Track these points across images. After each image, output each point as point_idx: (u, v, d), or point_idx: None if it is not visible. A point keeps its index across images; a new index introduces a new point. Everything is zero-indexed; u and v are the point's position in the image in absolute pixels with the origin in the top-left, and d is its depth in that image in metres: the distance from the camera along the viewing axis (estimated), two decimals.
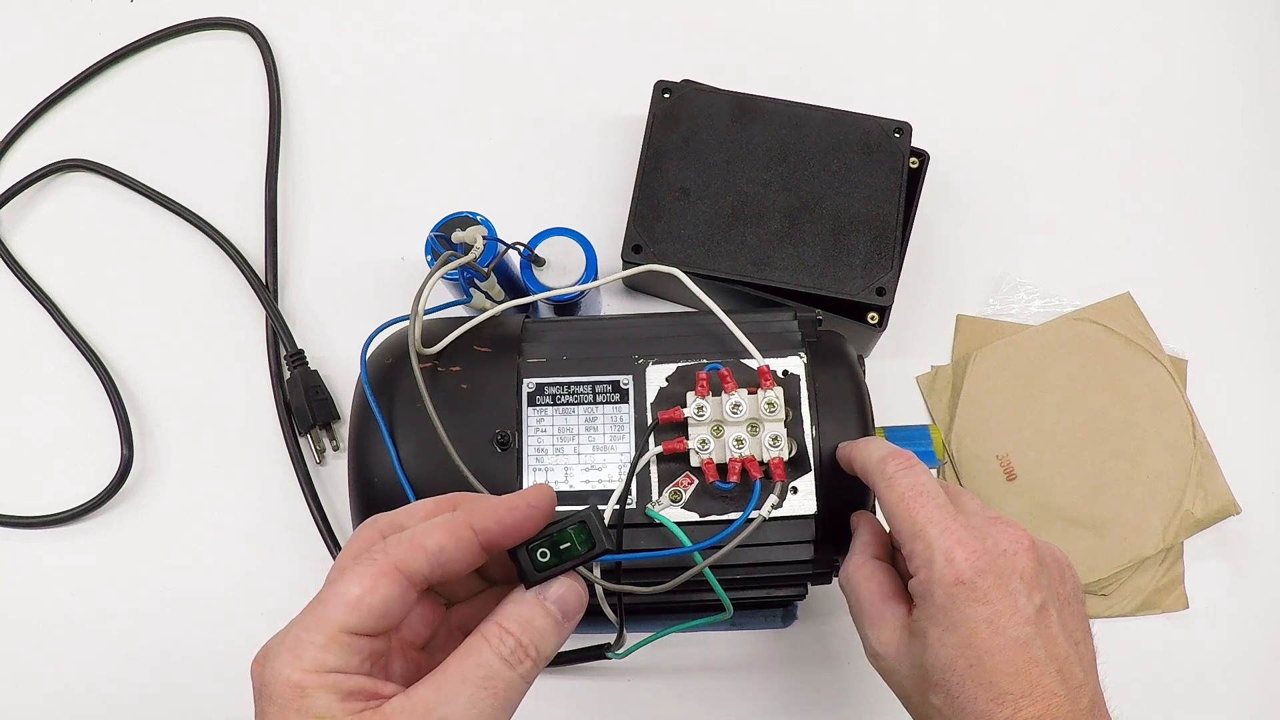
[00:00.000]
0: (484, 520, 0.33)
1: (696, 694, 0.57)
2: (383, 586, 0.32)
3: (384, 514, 0.36)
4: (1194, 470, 0.59)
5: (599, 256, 0.57)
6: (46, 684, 0.58)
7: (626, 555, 0.43)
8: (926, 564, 0.37)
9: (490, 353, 0.47)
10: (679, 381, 0.46)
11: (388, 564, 0.32)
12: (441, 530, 0.33)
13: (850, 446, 0.44)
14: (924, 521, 0.38)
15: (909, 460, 0.40)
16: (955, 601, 0.36)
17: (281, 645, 0.31)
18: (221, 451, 0.62)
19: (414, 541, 0.32)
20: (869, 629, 0.40)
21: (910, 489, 0.39)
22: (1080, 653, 0.37)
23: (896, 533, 0.39)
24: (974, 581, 0.36)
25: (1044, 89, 0.69)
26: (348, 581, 0.32)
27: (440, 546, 0.33)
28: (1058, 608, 0.37)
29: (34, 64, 0.70)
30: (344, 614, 0.31)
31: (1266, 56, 0.70)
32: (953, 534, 0.37)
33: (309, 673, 0.30)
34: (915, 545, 0.38)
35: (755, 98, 0.61)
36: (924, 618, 0.37)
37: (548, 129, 0.68)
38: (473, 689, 0.31)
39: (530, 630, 0.33)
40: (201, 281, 0.66)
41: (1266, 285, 0.65)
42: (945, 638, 0.36)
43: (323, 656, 0.31)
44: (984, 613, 0.36)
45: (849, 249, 0.58)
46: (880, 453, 0.41)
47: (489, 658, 0.32)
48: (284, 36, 0.71)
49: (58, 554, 0.60)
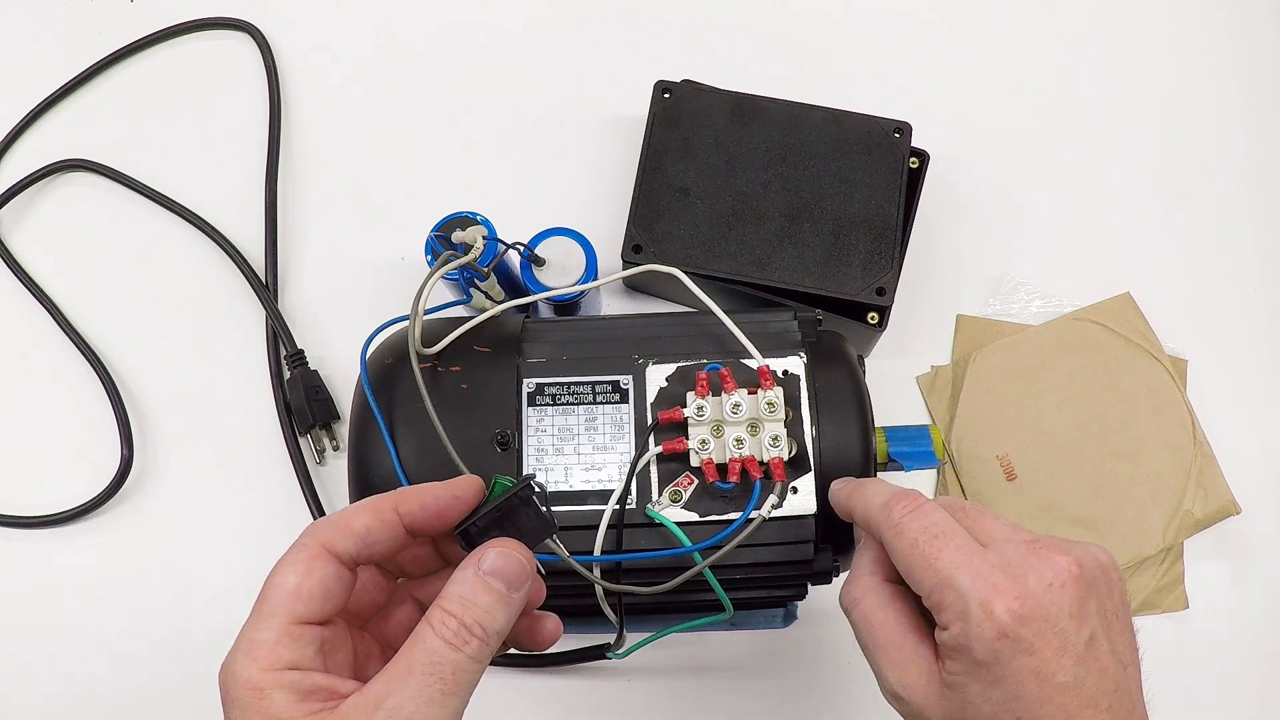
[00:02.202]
0: (408, 504, 0.35)
1: (696, 694, 0.57)
2: (317, 568, 0.33)
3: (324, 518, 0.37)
4: (1194, 470, 0.59)
5: (599, 256, 0.57)
6: (46, 684, 0.58)
7: (626, 555, 0.43)
8: (961, 617, 0.33)
9: (490, 353, 0.47)
10: (679, 381, 0.46)
11: (316, 546, 0.33)
12: (366, 511, 0.34)
13: (846, 493, 0.41)
14: (949, 569, 0.34)
15: (915, 500, 0.37)
16: (999, 657, 0.33)
17: (236, 649, 0.32)
18: (221, 451, 0.62)
19: (339, 523, 0.34)
20: (888, 668, 0.36)
21: (924, 532, 0.35)
22: (1129, 675, 0.35)
23: (916, 584, 0.35)
24: (1018, 633, 0.32)
25: (1044, 89, 0.69)
26: (283, 572, 0.33)
27: (366, 527, 0.34)
28: (1106, 631, 0.34)
29: (34, 64, 0.70)
30: (288, 603, 0.32)
31: (1266, 56, 0.70)
32: (986, 579, 0.33)
33: (265, 671, 0.31)
34: (944, 596, 0.34)
35: (755, 98, 0.61)
36: (961, 672, 0.34)
37: (548, 129, 0.68)
38: (419, 677, 0.31)
39: (473, 608, 0.33)
40: (201, 281, 0.66)
41: (1266, 285, 0.65)
42: (988, 694, 0.33)
43: (277, 652, 0.31)
44: (1030, 664, 0.32)
45: (849, 249, 0.58)
46: (882, 497, 0.38)
47: (433, 643, 0.32)
48: (284, 36, 0.71)
49: (58, 554, 0.60)
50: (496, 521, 0.36)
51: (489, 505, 0.36)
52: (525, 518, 0.36)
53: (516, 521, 0.36)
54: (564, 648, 0.55)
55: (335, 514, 0.34)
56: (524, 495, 0.36)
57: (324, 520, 0.34)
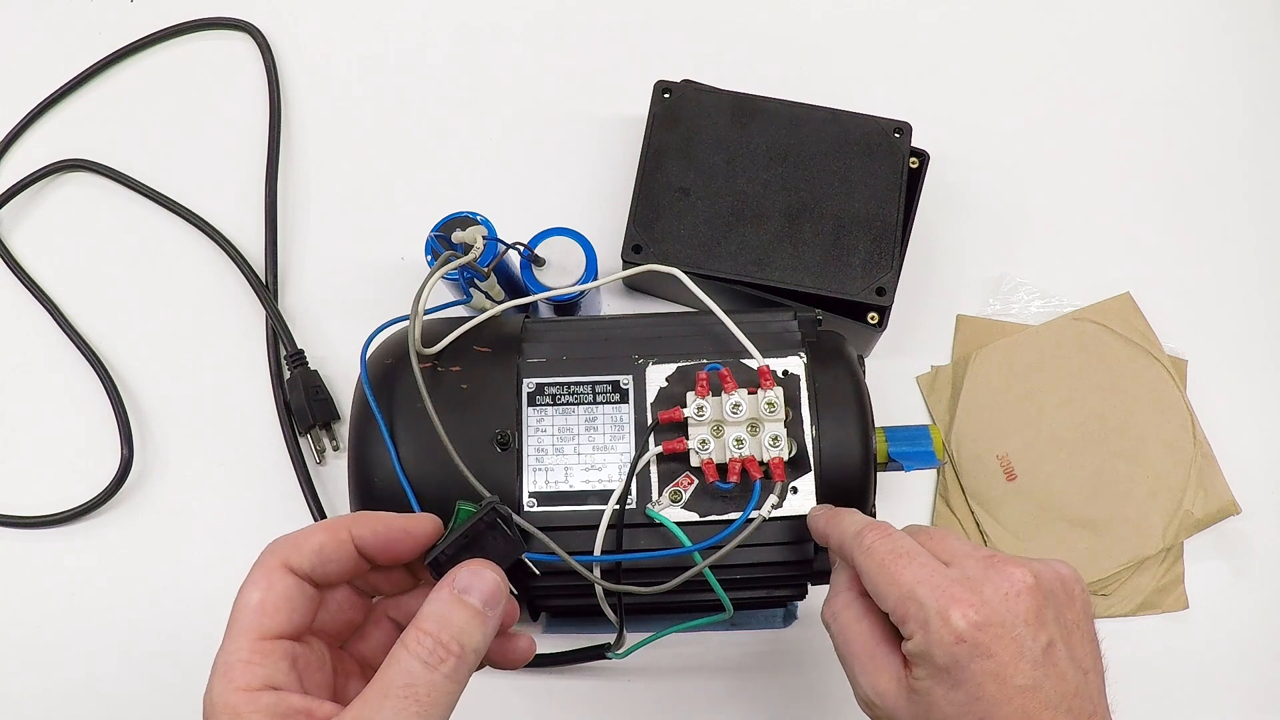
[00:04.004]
0: (361, 529, 0.36)
1: (696, 694, 0.57)
2: (277, 582, 0.34)
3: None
4: (1194, 470, 0.59)
5: (599, 256, 0.57)
6: (46, 684, 0.58)
7: (626, 555, 0.44)
8: (922, 625, 0.35)
9: (490, 353, 0.47)
10: (679, 381, 0.46)
11: (274, 561, 0.34)
12: (322, 531, 0.36)
13: (824, 521, 0.42)
14: (911, 582, 0.36)
15: (886, 530, 0.39)
16: (958, 661, 0.35)
17: (214, 673, 0.32)
18: (221, 451, 0.62)
19: (295, 541, 0.35)
20: (861, 675, 0.38)
21: (890, 553, 0.37)
22: (1089, 680, 0.36)
23: (883, 600, 0.37)
24: (975, 638, 0.34)
25: (1044, 89, 0.69)
26: (247, 591, 0.34)
27: (320, 545, 0.35)
28: (1065, 639, 0.36)
29: (34, 64, 0.70)
30: (254, 619, 0.33)
31: (1266, 56, 0.70)
32: (945, 591, 0.35)
33: (241, 692, 0.31)
34: (907, 609, 0.36)
35: (755, 98, 0.61)
36: (926, 677, 0.36)
37: (548, 129, 0.68)
38: (395, 700, 0.31)
39: (448, 626, 0.33)
40: (201, 281, 0.66)
41: (1266, 285, 0.65)
42: (951, 696, 0.35)
43: (250, 671, 0.32)
44: (988, 667, 0.34)
45: (849, 249, 0.58)
46: (856, 526, 0.40)
47: (409, 664, 0.32)
48: (284, 36, 0.71)
49: (58, 554, 0.60)
50: (465, 548, 0.37)
51: (455, 533, 0.37)
52: (493, 540, 0.37)
53: (484, 545, 0.37)
54: (564, 648, 0.55)
55: (294, 532, 0.36)
56: (489, 520, 0.37)
57: (281, 538, 0.35)
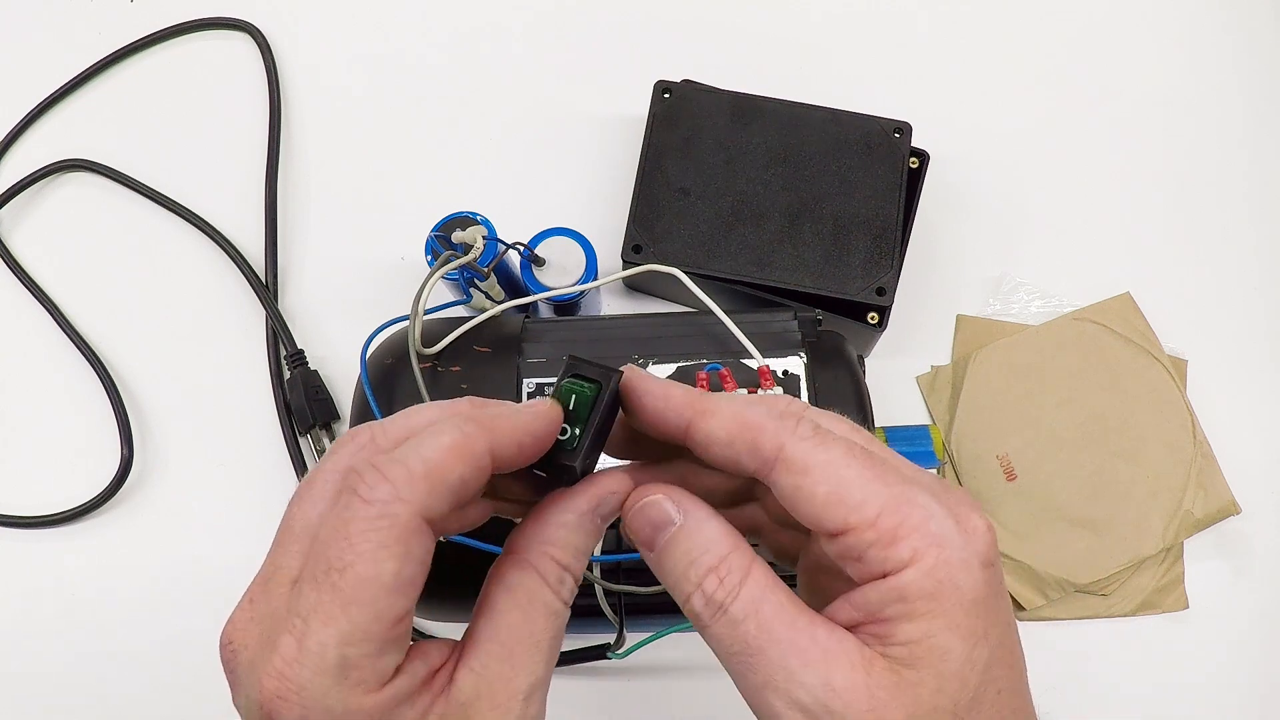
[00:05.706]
0: (502, 444, 0.25)
1: (696, 694, 0.57)
2: (416, 546, 0.23)
3: (369, 426, 0.27)
4: (1194, 470, 0.59)
5: (599, 256, 0.57)
6: (46, 683, 0.58)
7: (627, 555, 0.43)
8: (935, 542, 0.24)
9: (490, 353, 0.47)
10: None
11: (412, 519, 0.23)
12: (460, 459, 0.24)
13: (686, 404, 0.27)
14: (901, 482, 0.25)
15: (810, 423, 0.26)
16: (990, 593, 0.24)
17: (323, 673, 0.22)
18: (221, 451, 0.62)
19: (431, 476, 0.24)
20: (802, 671, 0.24)
21: (849, 451, 0.26)
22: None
23: (852, 513, 0.25)
24: (999, 565, 0.25)
25: (1044, 89, 0.69)
26: (377, 559, 0.23)
27: (462, 479, 0.24)
28: None
29: (34, 64, 0.70)
30: (388, 602, 0.23)
31: (1266, 56, 0.70)
32: (952, 494, 0.26)
33: (371, 694, 0.23)
34: (910, 513, 0.24)
35: (755, 98, 0.61)
36: (937, 633, 0.24)
37: (548, 129, 0.68)
38: (548, 648, 0.26)
39: (582, 558, 0.27)
40: (201, 281, 0.66)
41: (1266, 285, 0.65)
42: (973, 655, 0.24)
43: (379, 667, 0.23)
44: (1007, 608, 0.25)
45: (849, 249, 0.58)
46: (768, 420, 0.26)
47: (550, 599, 0.26)
48: (284, 36, 0.71)
49: (58, 554, 0.60)
50: (594, 440, 0.27)
51: (590, 428, 0.27)
52: (608, 420, 0.28)
53: (602, 430, 0.28)
54: (564, 648, 0.55)
55: (413, 456, 0.24)
56: (615, 390, 0.28)
57: (408, 472, 0.23)
